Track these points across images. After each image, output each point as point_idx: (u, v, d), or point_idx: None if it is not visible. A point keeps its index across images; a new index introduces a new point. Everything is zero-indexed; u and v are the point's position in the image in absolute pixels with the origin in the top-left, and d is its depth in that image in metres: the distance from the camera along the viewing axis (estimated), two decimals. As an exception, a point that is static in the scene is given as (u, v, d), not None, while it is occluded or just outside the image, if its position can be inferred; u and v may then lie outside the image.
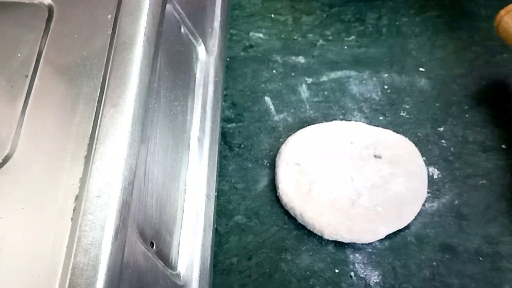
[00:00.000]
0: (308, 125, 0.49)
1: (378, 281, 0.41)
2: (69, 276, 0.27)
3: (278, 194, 0.45)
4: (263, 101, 0.52)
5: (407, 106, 0.51)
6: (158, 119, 0.37)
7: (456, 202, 0.45)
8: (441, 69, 0.53)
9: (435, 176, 0.46)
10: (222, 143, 0.49)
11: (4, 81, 0.36)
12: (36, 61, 0.37)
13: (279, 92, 0.52)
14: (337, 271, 0.42)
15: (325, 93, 0.52)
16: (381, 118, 0.50)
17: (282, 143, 0.49)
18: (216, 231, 0.43)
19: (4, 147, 0.33)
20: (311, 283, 0.42)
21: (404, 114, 0.50)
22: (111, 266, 0.28)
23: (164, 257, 0.35)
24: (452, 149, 0.48)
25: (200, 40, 0.46)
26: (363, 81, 0.52)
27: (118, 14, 0.37)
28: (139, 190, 0.32)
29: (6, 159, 0.32)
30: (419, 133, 0.49)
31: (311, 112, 0.50)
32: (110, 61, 0.35)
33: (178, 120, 0.40)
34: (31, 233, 0.30)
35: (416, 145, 0.47)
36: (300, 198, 0.44)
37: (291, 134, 0.49)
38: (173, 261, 0.36)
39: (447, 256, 0.42)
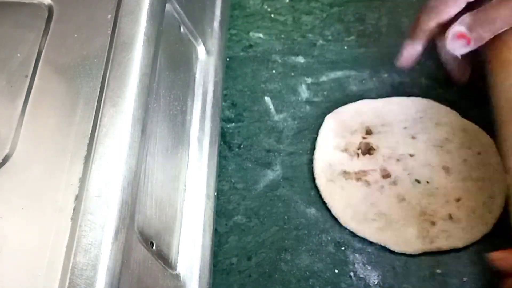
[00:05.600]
0: (308, 124, 0.49)
1: (377, 281, 0.41)
2: (68, 276, 0.27)
3: None
4: (263, 101, 0.52)
5: (407, 106, 0.50)
6: (158, 119, 0.37)
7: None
8: (441, 69, 0.53)
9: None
10: (222, 143, 0.49)
11: (4, 81, 0.36)
12: (36, 61, 0.37)
13: (279, 92, 0.52)
14: (336, 271, 0.42)
15: (325, 93, 0.52)
16: (381, 118, 0.50)
17: (282, 143, 0.49)
18: (215, 231, 0.43)
19: (4, 147, 0.33)
20: (310, 283, 0.42)
21: (404, 114, 0.50)
22: (111, 266, 0.28)
23: (164, 257, 0.35)
24: (452, 149, 0.48)
25: (200, 40, 0.46)
26: (363, 81, 0.52)
27: (118, 14, 0.37)
28: (139, 190, 0.32)
29: (6, 159, 0.32)
30: (419, 133, 0.49)
31: (311, 112, 0.50)
32: (110, 61, 0.35)
33: (178, 120, 0.40)
34: (31, 233, 0.29)
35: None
36: None
37: (290, 135, 0.49)
38: (173, 261, 0.36)
39: (447, 256, 0.42)
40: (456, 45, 0.43)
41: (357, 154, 0.47)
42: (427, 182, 0.44)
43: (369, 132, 0.48)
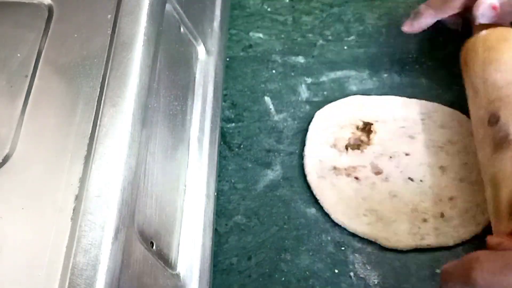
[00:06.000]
0: (308, 124, 0.49)
1: (378, 281, 0.41)
2: (68, 276, 0.27)
3: None
4: (263, 101, 0.52)
5: (407, 106, 0.50)
6: (158, 119, 0.37)
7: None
8: (441, 69, 0.53)
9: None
10: (222, 143, 0.49)
11: (4, 81, 0.36)
12: (36, 61, 0.37)
13: (279, 92, 0.52)
14: (336, 271, 0.42)
15: (325, 93, 0.52)
16: (381, 118, 0.50)
17: (282, 143, 0.49)
18: (215, 231, 0.43)
19: (4, 147, 0.33)
20: (310, 283, 0.42)
21: (404, 114, 0.50)
22: (111, 266, 0.28)
23: (164, 257, 0.35)
24: (452, 149, 0.48)
25: (200, 40, 0.46)
26: (363, 81, 0.52)
27: (118, 14, 0.37)
28: (139, 190, 0.32)
29: (5, 159, 0.32)
30: (419, 133, 0.49)
31: (311, 112, 0.50)
32: (110, 61, 0.35)
33: (178, 120, 0.40)
34: (31, 233, 0.29)
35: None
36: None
37: (290, 135, 0.49)
38: (173, 261, 0.36)
39: (447, 256, 0.42)
40: (485, 14, 0.44)
41: (346, 149, 0.47)
42: (421, 181, 0.45)
43: (360, 128, 0.48)
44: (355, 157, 0.46)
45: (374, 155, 0.46)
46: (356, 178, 0.45)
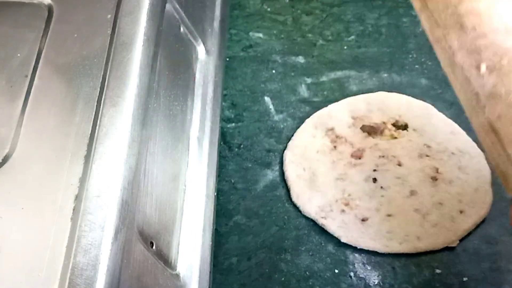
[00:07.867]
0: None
1: (377, 281, 0.41)
2: (68, 276, 0.27)
3: None
4: (263, 101, 0.52)
5: (407, 106, 0.50)
6: (158, 119, 0.37)
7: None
8: (441, 69, 0.53)
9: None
10: (222, 143, 0.49)
11: (4, 81, 0.36)
12: (35, 61, 0.37)
13: (279, 92, 0.52)
14: (336, 271, 0.42)
15: (325, 93, 0.52)
16: (381, 118, 0.50)
17: (282, 143, 0.49)
18: (215, 231, 0.43)
19: (4, 147, 0.33)
20: (310, 283, 0.42)
21: (404, 114, 0.50)
22: (110, 266, 0.28)
23: (164, 257, 0.35)
24: (451, 149, 0.48)
25: (200, 40, 0.46)
26: (363, 81, 0.52)
27: (118, 13, 0.37)
28: (139, 190, 0.32)
29: (5, 159, 0.32)
30: (419, 133, 0.49)
31: (311, 112, 0.50)
32: (110, 61, 0.35)
33: (178, 120, 0.40)
34: (31, 233, 0.29)
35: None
36: None
37: (290, 135, 0.49)
38: (173, 261, 0.36)
39: (447, 256, 0.42)
40: None
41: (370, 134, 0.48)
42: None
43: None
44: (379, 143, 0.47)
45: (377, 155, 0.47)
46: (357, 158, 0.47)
